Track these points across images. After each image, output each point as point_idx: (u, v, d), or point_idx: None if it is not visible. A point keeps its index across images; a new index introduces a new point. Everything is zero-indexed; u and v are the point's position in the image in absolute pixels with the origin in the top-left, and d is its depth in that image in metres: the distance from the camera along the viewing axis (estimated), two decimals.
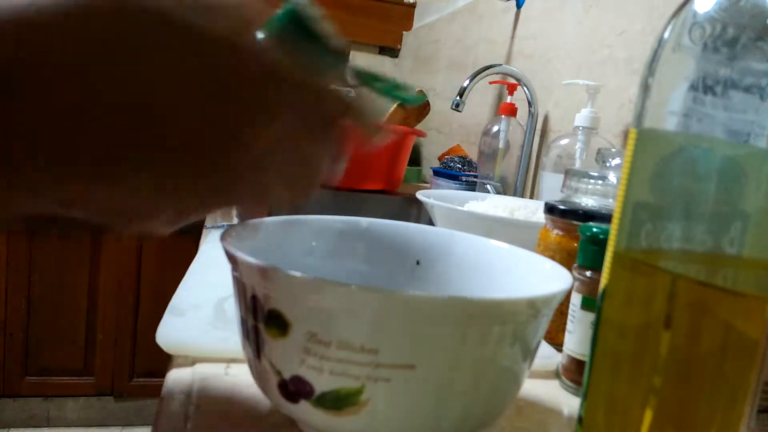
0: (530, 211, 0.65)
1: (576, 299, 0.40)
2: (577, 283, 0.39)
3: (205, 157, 0.22)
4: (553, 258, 0.45)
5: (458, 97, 0.97)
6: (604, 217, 0.44)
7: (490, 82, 1.23)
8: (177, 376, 0.34)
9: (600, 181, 0.46)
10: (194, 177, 0.22)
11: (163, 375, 0.36)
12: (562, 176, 0.49)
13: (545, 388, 0.39)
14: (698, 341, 0.22)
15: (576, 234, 0.45)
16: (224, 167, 0.23)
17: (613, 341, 0.25)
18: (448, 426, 0.26)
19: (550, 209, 0.46)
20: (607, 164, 0.52)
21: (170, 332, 0.37)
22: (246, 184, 0.25)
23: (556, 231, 0.46)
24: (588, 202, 0.46)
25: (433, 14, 1.89)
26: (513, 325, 0.26)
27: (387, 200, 1.24)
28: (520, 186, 1.05)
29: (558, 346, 0.46)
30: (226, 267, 0.28)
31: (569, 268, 0.44)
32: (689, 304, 0.22)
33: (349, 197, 1.21)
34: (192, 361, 0.36)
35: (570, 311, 0.40)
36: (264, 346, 0.26)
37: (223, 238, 0.29)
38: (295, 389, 0.25)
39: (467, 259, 0.38)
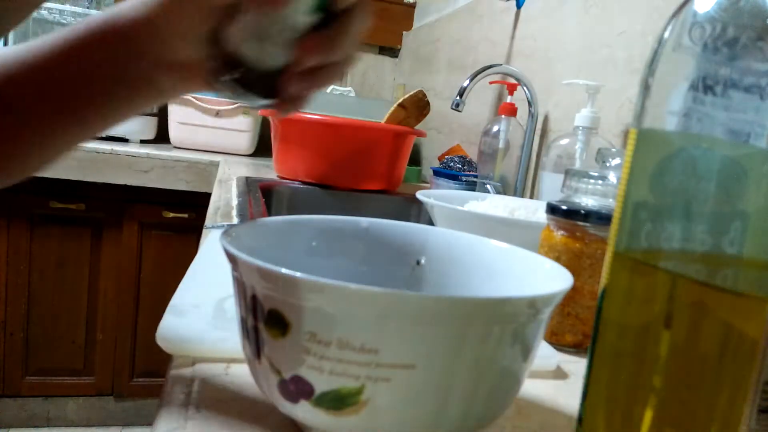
0: (530, 211, 0.64)
1: None
2: None
3: None
4: (559, 259, 0.45)
5: (458, 97, 0.97)
6: (604, 217, 0.44)
7: (490, 82, 1.23)
8: (177, 376, 0.34)
9: (600, 181, 0.46)
10: None
11: (163, 375, 0.36)
12: (562, 176, 0.49)
13: (545, 388, 0.39)
14: (698, 341, 0.22)
15: (580, 234, 0.45)
16: None
17: (613, 341, 0.25)
18: (448, 426, 0.26)
19: (552, 210, 0.46)
20: (607, 164, 0.52)
21: (170, 332, 0.37)
22: None
23: (560, 232, 0.46)
24: (588, 202, 0.46)
25: (433, 14, 1.89)
26: (513, 325, 0.26)
27: (387, 200, 1.24)
28: (520, 186, 1.05)
29: (564, 346, 0.46)
30: (226, 267, 0.28)
31: (577, 269, 0.44)
32: (689, 304, 0.22)
33: (349, 197, 1.21)
34: (192, 361, 0.36)
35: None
36: (264, 346, 0.26)
37: (223, 238, 0.29)
38: (295, 389, 0.25)
39: (467, 259, 0.38)
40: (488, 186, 1.06)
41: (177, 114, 1.77)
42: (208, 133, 1.78)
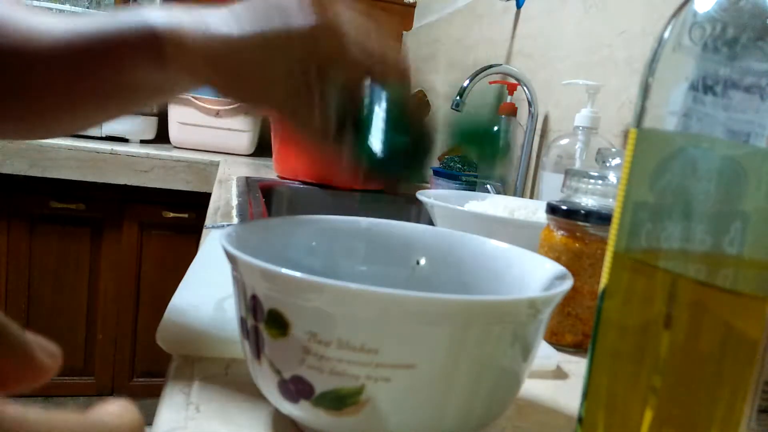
0: (530, 211, 0.64)
1: None
2: None
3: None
4: (559, 260, 0.45)
5: (458, 97, 0.97)
6: (604, 217, 0.44)
7: (490, 82, 1.23)
8: (177, 376, 0.34)
9: (600, 181, 0.46)
10: None
11: (163, 375, 0.36)
12: (562, 176, 0.49)
13: (545, 388, 0.39)
14: (698, 341, 0.22)
15: (580, 234, 0.45)
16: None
17: (613, 341, 0.25)
18: (448, 426, 0.26)
19: (552, 210, 0.46)
20: (607, 164, 0.52)
21: (170, 332, 0.37)
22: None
23: (560, 232, 0.46)
24: (588, 202, 0.46)
25: (433, 14, 1.89)
26: (513, 325, 0.26)
27: (387, 200, 1.24)
28: (520, 186, 1.05)
29: (564, 346, 0.46)
30: (226, 267, 0.28)
31: (577, 269, 0.44)
32: (689, 304, 0.22)
33: (349, 197, 1.21)
34: (192, 361, 0.36)
35: None
36: (264, 346, 0.26)
37: (223, 238, 0.29)
38: (295, 389, 0.25)
39: (467, 259, 0.38)
40: (488, 186, 1.06)
41: (177, 114, 1.77)
42: (208, 133, 1.78)
